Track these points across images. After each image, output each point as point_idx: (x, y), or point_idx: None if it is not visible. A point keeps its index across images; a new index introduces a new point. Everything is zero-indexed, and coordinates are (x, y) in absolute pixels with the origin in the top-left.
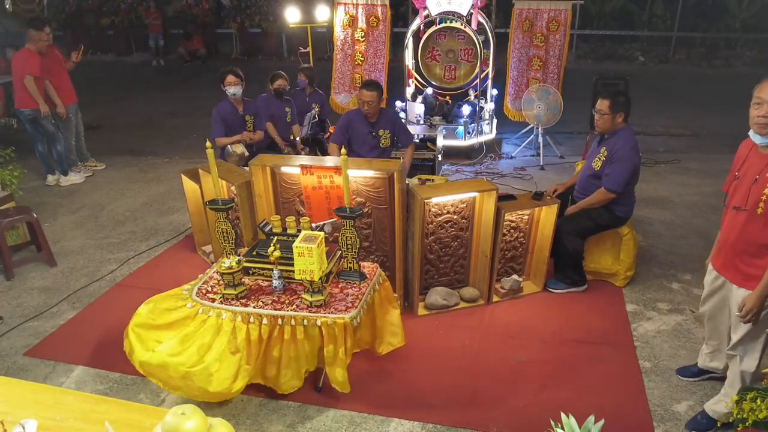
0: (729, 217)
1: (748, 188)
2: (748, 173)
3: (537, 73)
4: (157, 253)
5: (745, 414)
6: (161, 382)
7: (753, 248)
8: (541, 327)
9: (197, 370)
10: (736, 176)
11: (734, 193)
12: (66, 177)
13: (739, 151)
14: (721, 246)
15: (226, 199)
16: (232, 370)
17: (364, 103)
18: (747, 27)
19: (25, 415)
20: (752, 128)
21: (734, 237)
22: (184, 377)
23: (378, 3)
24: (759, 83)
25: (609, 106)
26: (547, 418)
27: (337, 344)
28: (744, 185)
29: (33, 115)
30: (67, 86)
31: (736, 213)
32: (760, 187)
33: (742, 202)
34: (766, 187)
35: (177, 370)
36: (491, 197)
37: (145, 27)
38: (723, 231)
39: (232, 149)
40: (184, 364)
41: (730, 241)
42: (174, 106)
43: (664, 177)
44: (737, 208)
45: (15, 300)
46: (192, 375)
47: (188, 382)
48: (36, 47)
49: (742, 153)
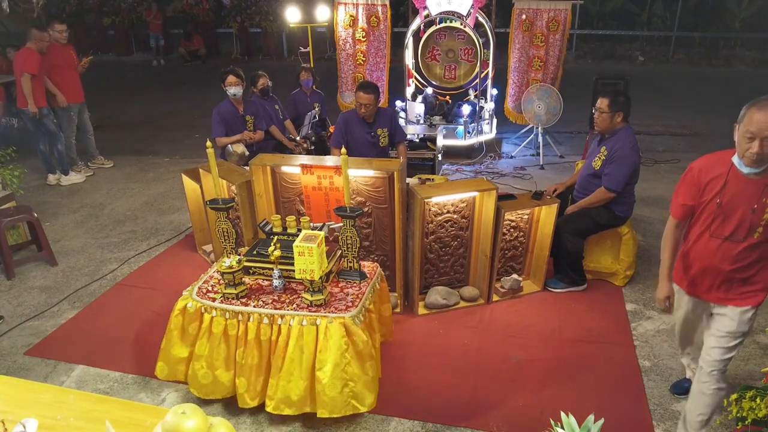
0: (713, 245)
1: (743, 218)
2: (737, 202)
3: (537, 73)
4: (157, 253)
5: (744, 413)
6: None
7: (749, 270)
8: (540, 326)
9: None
10: (719, 204)
11: (720, 222)
12: (66, 176)
13: (704, 177)
14: (702, 274)
15: (226, 199)
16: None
17: (361, 106)
18: (747, 27)
19: (26, 414)
20: (740, 158)
21: (727, 266)
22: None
23: (378, 3)
24: (747, 108)
25: (608, 104)
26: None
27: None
28: (736, 214)
29: (35, 114)
30: (74, 85)
31: (728, 243)
32: (759, 215)
33: (736, 232)
34: (765, 213)
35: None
36: (491, 197)
37: (145, 27)
38: (702, 258)
39: (233, 149)
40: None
41: (722, 269)
42: (174, 105)
43: (663, 176)
44: (730, 239)
45: (16, 299)
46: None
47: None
48: (37, 46)
49: (710, 177)
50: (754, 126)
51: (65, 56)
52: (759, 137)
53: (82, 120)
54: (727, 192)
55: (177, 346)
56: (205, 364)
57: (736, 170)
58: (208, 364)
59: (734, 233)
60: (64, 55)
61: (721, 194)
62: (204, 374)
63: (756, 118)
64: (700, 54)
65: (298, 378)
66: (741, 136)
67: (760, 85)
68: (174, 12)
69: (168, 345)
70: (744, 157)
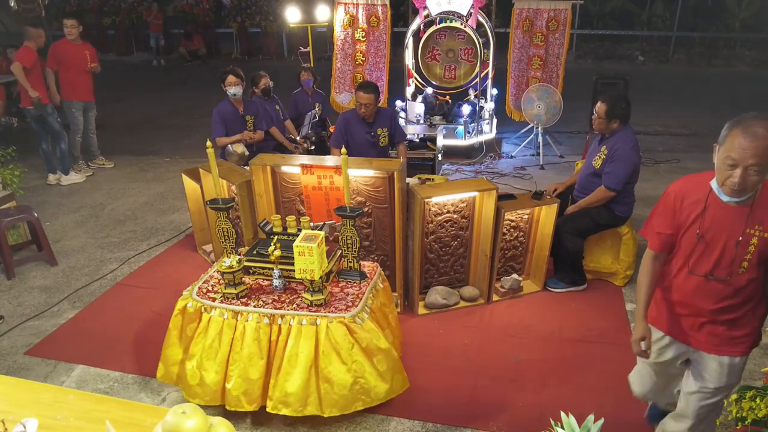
0: (693, 283)
1: (725, 251)
2: (718, 232)
3: (537, 72)
4: (157, 253)
5: (744, 413)
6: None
7: (735, 312)
8: (540, 326)
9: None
10: (698, 235)
11: (699, 256)
12: (67, 176)
13: (681, 202)
14: (682, 314)
15: (226, 199)
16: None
17: (362, 106)
18: (746, 27)
19: (26, 414)
20: (719, 185)
21: (709, 307)
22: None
23: (378, 3)
24: (728, 128)
25: (605, 111)
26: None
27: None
28: (717, 247)
29: (39, 112)
30: (82, 83)
31: (710, 281)
32: (743, 249)
33: (718, 268)
34: (750, 245)
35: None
36: (491, 197)
37: (145, 27)
38: (682, 297)
39: (233, 149)
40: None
41: (704, 310)
42: (174, 105)
43: (663, 176)
44: (711, 275)
45: (16, 299)
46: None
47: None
48: (36, 44)
49: (687, 203)
50: (736, 152)
51: (75, 53)
52: (742, 165)
53: (86, 118)
54: (707, 221)
55: (174, 347)
56: (195, 364)
57: (715, 196)
58: (198, 364)
59: (716, 269)
60: (74, 53)
61: (699, 223)
62: (192, 374)
63: (739, 143)
64: (700, 54)
65: (297, 378)
66: (721, 161)
67: (760, 85)
68: (174, 12)
69: (166, 346)
70: (724, 185)
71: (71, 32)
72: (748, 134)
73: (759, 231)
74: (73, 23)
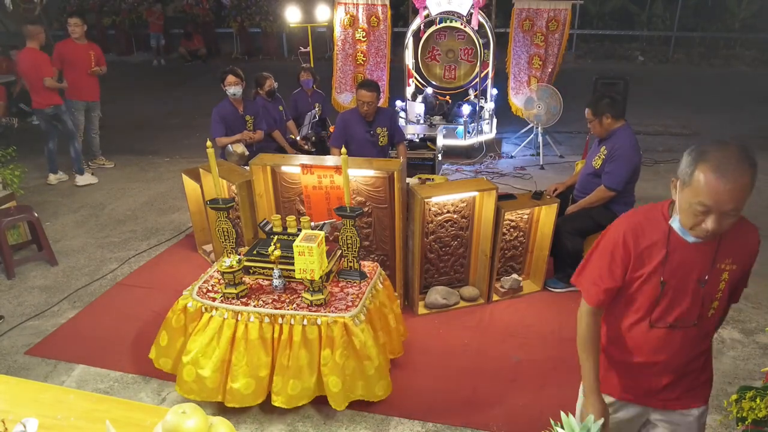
0: (656, 336)
1: (693, 295)
2: (684, 276)
3: (537, 72)
4: (157, 252)
5: (744, 413)
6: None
7: (700, 359)
8: (540, 326)
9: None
10: (662, 283)
11: (665, 306)
12: (82, 176)
13: (634, 247)
14: (641, 374)
15: (226, 199)
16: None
17: (364, 104)
18: (746, 27)
19: (26, 413)
20: (685, 228)
21: (677, 361)
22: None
23: (378, 3)
24: (694, 164)
25: (591, 112)
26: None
27: (334, 347)
28: (685, 293)
29: (54, 111)
30: (87, 83)
31: (677, 331)
32: (713, 287)
33: (687, 315)
34: (721, 282)
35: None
36: (491, 196)
37: (146, 26)
38: (642, 354)
39: (233, 149)
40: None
41: (671, 366)
42: (175, 105)
43: (663, 176)
44: (678, 325)
45: (16, 299)
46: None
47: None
48: (38, 42)
49: (642, 247)
50: (709, 197)
51: (80, 53)
52: (717, 212)
53: (89, 118)
54: (670, 265)
55: (172, 343)
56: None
57: (678, 236)
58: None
59: (684, 317)
60: (79, 52)
61: (662, 270)
62: (188, 372)
63: (711, 186)
64: (700, 54)
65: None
66: (688, 204)
67: (760, 85)
68: (174, 12)
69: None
70: (692, 230)
71: (75, 31)
72: (721, 175)
73: (729, 265)
74: (77, 22)
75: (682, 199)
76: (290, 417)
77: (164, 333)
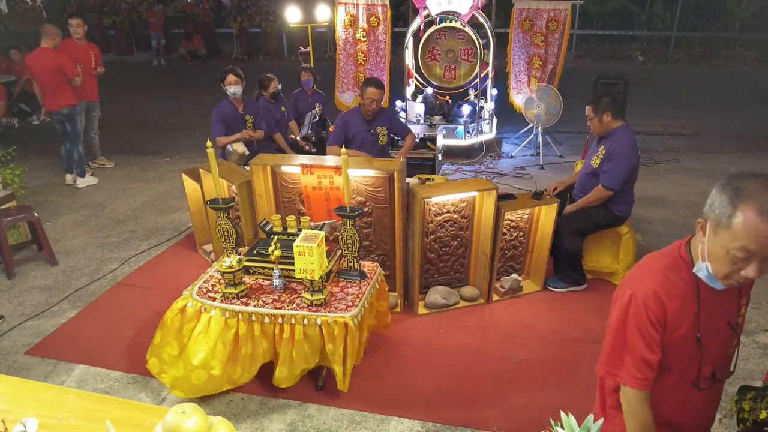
0: (697, 394)
1: (725, 342)
2: (715, 326)
3: (537, 72)
4: (157, 252)
5: (745, 414)
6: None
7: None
8: (540, 326)
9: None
10: (698, 339)
11: (703, 362)
12: (83, 179)
13: (663, 311)
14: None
15: (226, 199)
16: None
17: (372, 101)
18: (746, 27)
19: (26, 413)
20: (717, 277)
21: (714, 411)
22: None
23: (378, 3)
24: (734, 205)
25: (592, 109)
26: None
27: (336, 342)
28: (716, 342)
29: (69, 112)
30: (87, 83)
31: (715, 383)
32: (738, 327)
33: (723, 365)
34: (739, 316)
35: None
36: (491, 196)
37: (146, 26)
38: (685, 415)
39: (233, 148)
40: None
41: (710, 414)
42: (175, 105)
43: (663, 176)
44: (716, 377)
45: (16, 299)
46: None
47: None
48: (52, 43)
49: (672, 309)
50: (756, 242)
51: (80, 54)
52: (760, 257)
53: (89, 118)
54: (704, 319)
55: (170, 344)
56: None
57: (705, 286)
58: (207, 366)
59: (721, 366)
60: (79, 52)
61: (698, 326)
62: (198, 375)
63: (759, 229)
64: (700, 54)
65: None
66: (725, 251)
67: (760, 85)
68: (174, 12)
69: (162, 343)
70: (726, 278)
71: (77, 31)
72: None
73: (745, 300)
74: (79, 22)
75: (716, 244)
76: (291, 416)
77: (159, 333)
